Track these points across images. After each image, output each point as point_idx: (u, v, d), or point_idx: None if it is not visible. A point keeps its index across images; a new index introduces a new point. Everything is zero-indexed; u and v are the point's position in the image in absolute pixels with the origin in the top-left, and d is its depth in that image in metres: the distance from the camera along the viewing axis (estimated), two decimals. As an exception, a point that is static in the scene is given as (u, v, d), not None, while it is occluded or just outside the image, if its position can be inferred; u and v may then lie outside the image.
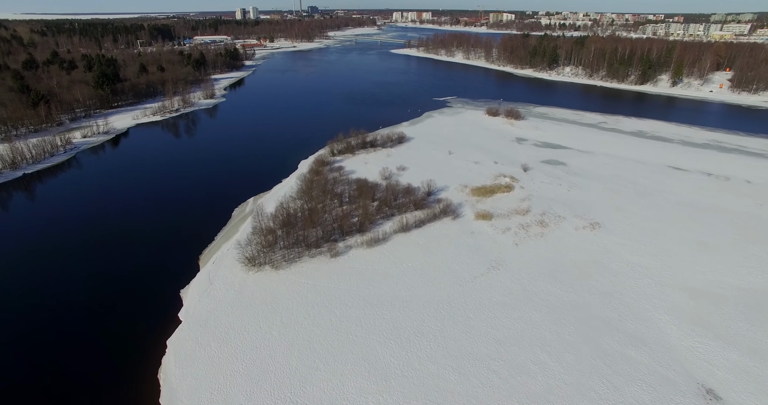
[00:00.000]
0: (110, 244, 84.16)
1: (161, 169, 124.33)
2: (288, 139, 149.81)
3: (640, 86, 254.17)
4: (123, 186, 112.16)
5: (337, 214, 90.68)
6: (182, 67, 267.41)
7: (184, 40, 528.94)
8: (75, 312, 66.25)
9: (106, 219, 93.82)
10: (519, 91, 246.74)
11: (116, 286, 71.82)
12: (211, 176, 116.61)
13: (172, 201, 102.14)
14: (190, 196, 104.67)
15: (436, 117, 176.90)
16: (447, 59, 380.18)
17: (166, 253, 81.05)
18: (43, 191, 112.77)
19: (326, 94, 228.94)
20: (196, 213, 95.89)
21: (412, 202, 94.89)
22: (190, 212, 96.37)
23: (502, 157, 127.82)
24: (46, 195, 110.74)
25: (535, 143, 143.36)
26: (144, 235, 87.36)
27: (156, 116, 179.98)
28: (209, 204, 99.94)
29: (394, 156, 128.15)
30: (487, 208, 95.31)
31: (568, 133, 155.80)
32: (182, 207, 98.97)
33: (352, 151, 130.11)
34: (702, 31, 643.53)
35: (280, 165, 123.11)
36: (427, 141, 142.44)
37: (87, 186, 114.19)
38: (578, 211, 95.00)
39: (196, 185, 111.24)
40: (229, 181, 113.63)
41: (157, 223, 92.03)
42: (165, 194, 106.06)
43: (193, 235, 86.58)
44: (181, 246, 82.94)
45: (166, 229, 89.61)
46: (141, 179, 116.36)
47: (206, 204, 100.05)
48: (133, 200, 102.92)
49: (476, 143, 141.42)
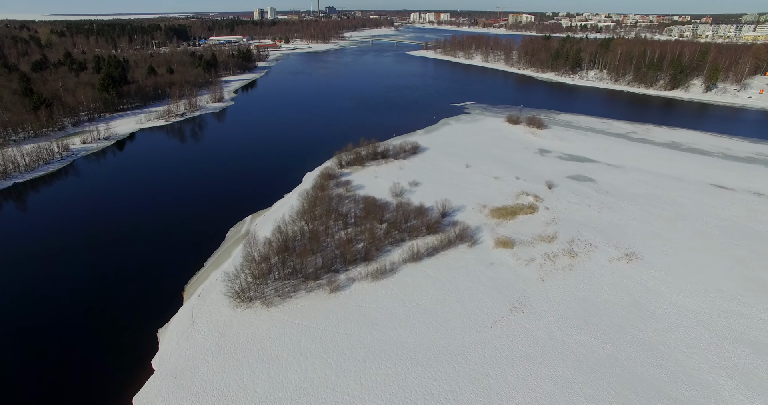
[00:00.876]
0: (89, 270, 76.52)
1: (157, 181, 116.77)
2: (295, 148, 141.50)
3: (670, 92, 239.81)
4: (113, 200, 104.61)
5: (341, 238, 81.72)
6: (193, 69, 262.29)
7: (199, 40, 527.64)
8: (28, 359, 58.43)
9: (89, 239, 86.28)
10: (541, 97, 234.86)
11: (88, 321, 63.87)
12: (209, 190, 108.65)
13: (164, 219, 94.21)
14: (184, 213, 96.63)
15: (453, 125, 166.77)
16: (465, 62, 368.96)
17: (150, 281, 72.95)
18: (30, 203, 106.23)
19: (338, 99, 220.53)
20: (188, 233, 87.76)
21: (425, 225, 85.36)
22: (182, 232, 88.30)
23: (524, 172, 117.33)
24: (31, 208, 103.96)
25: (559, 155, 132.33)
26: (129, 258, 79.56)
27: (161, 121, 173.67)
28: (203, 223, 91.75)
29: (407, 169, 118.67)
30: (508, 233, 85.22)
31: (595, 144, 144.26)
32: (174, 225, 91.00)
33: (362, 163, 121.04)
34: (733, 32, 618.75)
35: (284, 178, 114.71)
36: (442, 152, 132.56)
37: (75, 199, 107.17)
38: (611, 237, 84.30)
39: (191, 200, 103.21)
40: (227, 195, 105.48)
41: (144, 244, 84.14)
42: (157, 211, 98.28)
43: (182, 259, 78.49)
44: (167, 273, 74.85)
45: (153, 252, 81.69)
46: (134, 192, 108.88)
47: (200, 223, 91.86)
48: (123, 217, 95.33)
49: (496, 155, 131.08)
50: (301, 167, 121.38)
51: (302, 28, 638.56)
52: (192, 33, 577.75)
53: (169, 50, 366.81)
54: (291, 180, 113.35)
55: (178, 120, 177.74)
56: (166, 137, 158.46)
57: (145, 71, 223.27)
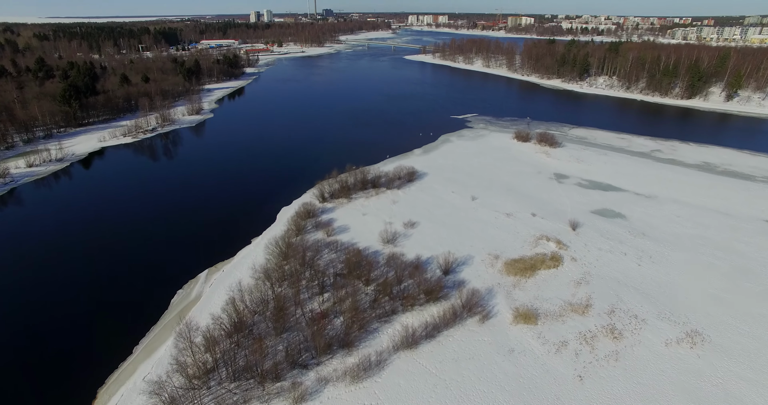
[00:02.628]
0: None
1: (100, 221, 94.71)
2: (273, 174, 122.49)
3: (687, 101, 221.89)
4: (37, 251, 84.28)
5: (314, 310, 63.17)
6: (174, 76, 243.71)
7: (189, 44, 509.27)
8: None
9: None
10: (548, 107, 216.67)
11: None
12: (162, 234, 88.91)
13: (93, 279, 74.66)
14: (122, 271, 76.62)
15: (455, 142, 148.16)
16: (465, 67, 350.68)
17: (52, 387, 54.09)
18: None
19: (328, 110, 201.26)
20: (120, 305, 68.23)
21: (423, 289, 66.74)
22: (112, 304, 68.42)
23: (541, 206, 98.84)
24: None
25: (579, 182, 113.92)
26: (31, 348, 60.69)
27: (127, 137, 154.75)
28: (144, 284, 72.70)
29: (402, 202, 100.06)
30: (529, 298, 66.65)
31: (617, 166, 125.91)
32: (102, 292, 71.28)
33: (348, 195, 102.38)
34: (738, 34, 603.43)
35: (255, 215, 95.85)
36: (443, 179, 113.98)
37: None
38: (661, 304, 65.84)
39: (138, 249, 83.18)
40: (182, 241, 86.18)
41: (55, 323, 64.98)
42: (88, 265, 78.70)
43: (103, 345, 59.57)
44: (79, 370, 55.97)
45: (64, 336, 62.61)
46: (68, 237, 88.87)
47: (140, 283, 72.81)
48: (43, 275, 76.43)
49: (506, 182, 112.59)
50: (278, 199, 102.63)
51: (296, 31, 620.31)
52: (182, 37, 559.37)
53: (153, 55, 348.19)
54: (263, 217, 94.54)
55: (147, 136, 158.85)
56: (127, 159, 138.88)
57: (117, 80, 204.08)
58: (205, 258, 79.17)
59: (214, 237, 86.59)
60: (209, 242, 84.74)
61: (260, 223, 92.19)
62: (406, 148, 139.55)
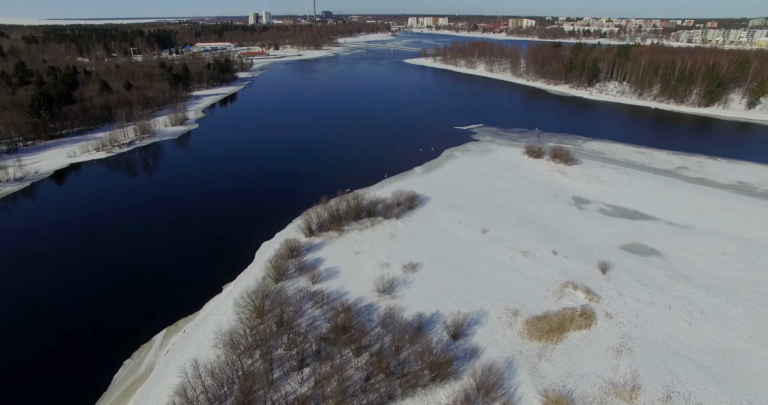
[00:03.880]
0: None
1: (50, 259, 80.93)
2: (256, 199, 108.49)
3: (705, 108, 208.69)
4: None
5: (289, 394, 49.68)
6: (161, 82, 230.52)
7: (183, 47, 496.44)
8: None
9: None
10: (557, 116, 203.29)
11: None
12: (118, 279, 74.90)
13: (15, 347, 61.08)
14: (52, 335, 62.52)
15: (460, 158, 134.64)
16: (467, 72, 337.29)
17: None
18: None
19: (322, 121, 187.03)
20: (47, 385, 54.64)
21: (427, 363, 53.20)
22: (36, 384, 55.08)
23: (561, 239, 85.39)
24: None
25: (602, 208, 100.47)
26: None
27: (100, 152, 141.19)
28: (83, 354, 58.81)
29: (401, 236, 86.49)
30: (559, 375, 53.13)
31: (642, 187, 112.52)
32: (27, 366, 58.08)
33: (339, 226, 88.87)
34: (745, 37, 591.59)
35: (231, 253, 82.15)
36: (448, 204, 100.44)
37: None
38: (731, 386, 52.34)
39: (83, 303, 68.44)
40: (140, 290, 71.76)
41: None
42: (22, 325, 65.31)
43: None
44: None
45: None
46: (6, 282, 76.07)
47: (78, 354, 58.91)
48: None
49: (519, 208, 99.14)
50: (259, 232, 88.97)
51: (294, 34, 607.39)
52: (177, 39, 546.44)
53: (143, 59, 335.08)
54: (240, 256, 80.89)
55: (123, 150, 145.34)
56: (96, 179, 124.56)
57: (97, 87, 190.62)
58: (165, 312, 65.57)
59: (180, 283, 72.94)
60: (173, 290, 71.10)
61: (236, 262, 78.47)
62: (407, 166, 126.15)
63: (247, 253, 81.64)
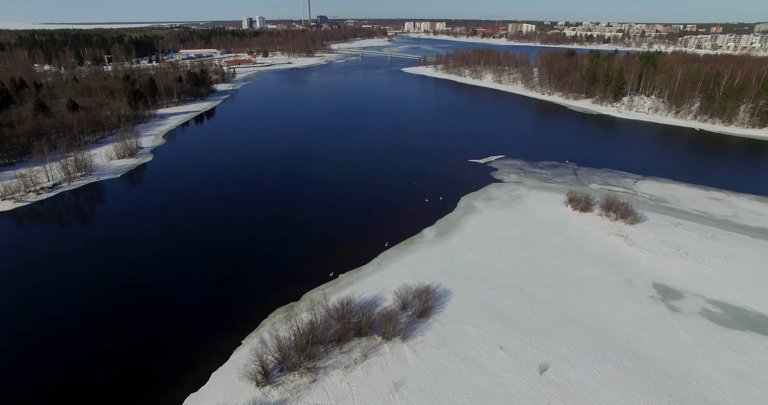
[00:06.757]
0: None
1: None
2: (189, 304, 73.82)
3: (760, 130, 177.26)
4: None
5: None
6: (120, 100, 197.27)
7: (166, 54, 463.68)
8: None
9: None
10: (589, 141, 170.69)
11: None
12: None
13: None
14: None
15: (483, 212, 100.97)
16: (473, 83, 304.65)
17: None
18: None
19: (302, 154, 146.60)
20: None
21: None
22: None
23: (669, 384, 52.36)
24: None
25: (704, 308, 67.53)
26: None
27: (7, 201, 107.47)
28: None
29: (409, 380, 53.20)
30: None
31: (744, 262, 79.94)
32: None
33: (313, 357, 55.52)
34: (759, 43, 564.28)
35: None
36: (479, 307, 67.00)
37: None
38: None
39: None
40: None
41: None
42: None
43: None
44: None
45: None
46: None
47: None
48: None
49: (583, 311, 66.06)
50: (181, 376, 55.36)
51: (286, 40, 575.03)
52: (160, 46, 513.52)
53: (113, 69, 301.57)
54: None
55: (42, 197, 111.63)
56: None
57: (31, 107, 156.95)
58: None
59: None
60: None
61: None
62: (413, 225, 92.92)
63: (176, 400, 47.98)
